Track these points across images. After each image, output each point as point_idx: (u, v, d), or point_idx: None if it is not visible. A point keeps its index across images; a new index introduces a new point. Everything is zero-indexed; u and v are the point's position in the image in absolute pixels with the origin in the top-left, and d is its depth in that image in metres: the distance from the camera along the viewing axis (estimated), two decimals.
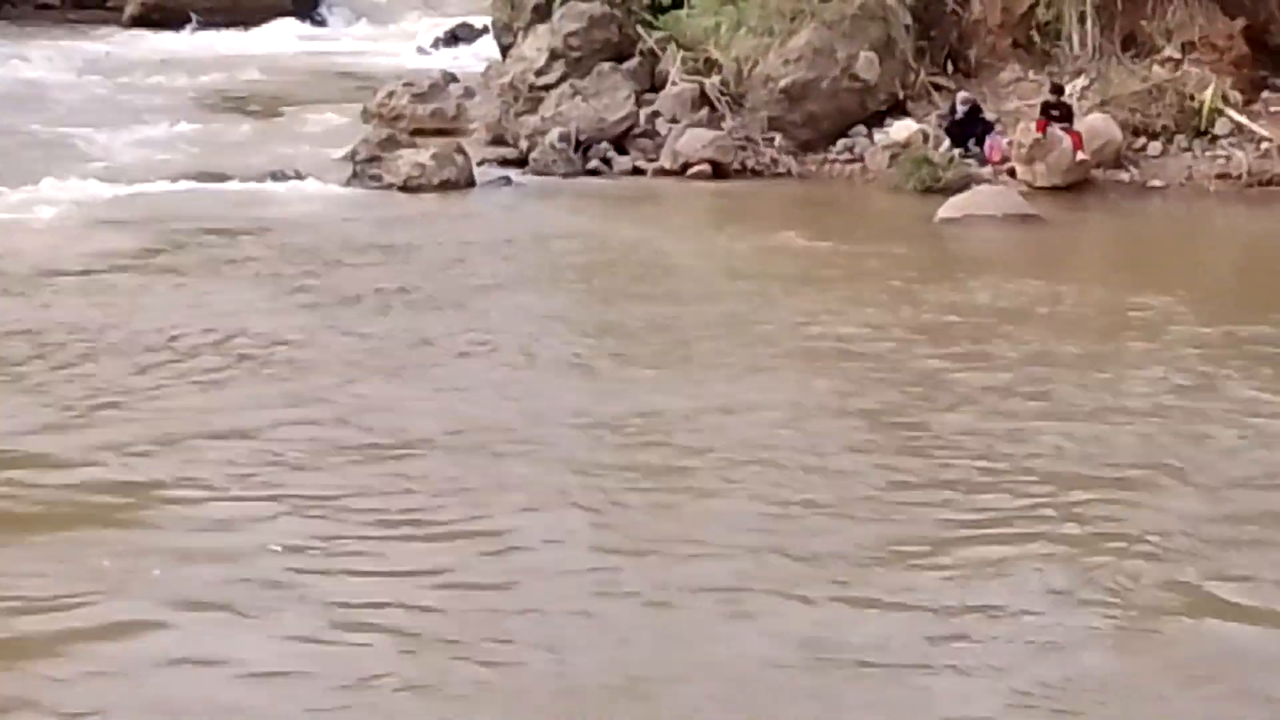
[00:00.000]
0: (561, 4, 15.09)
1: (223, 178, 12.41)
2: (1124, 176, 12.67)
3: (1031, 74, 13.91)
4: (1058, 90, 12.95)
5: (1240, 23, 13.51)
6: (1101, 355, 7.97)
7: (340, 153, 13.43)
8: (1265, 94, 13.44)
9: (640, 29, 14.85)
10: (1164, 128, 13.00)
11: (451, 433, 6.35)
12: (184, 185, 12.17)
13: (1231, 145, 12.84)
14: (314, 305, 8.87)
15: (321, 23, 25.46)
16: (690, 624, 4.55)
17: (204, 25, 23.75)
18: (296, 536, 5.13)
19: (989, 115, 13.30)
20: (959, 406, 6.93)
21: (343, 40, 24.81)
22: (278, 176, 12.35)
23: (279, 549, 4.94)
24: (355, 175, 12.41)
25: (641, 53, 14.63)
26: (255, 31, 24.13)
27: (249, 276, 9.54)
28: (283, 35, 24.33)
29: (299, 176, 12.38)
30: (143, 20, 24.43)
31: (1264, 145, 12.62)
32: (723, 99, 13.84)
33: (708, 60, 14.22)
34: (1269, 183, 12.26)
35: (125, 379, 7.04)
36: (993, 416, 6.82)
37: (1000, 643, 4.34)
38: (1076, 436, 6.31)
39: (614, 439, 6.36)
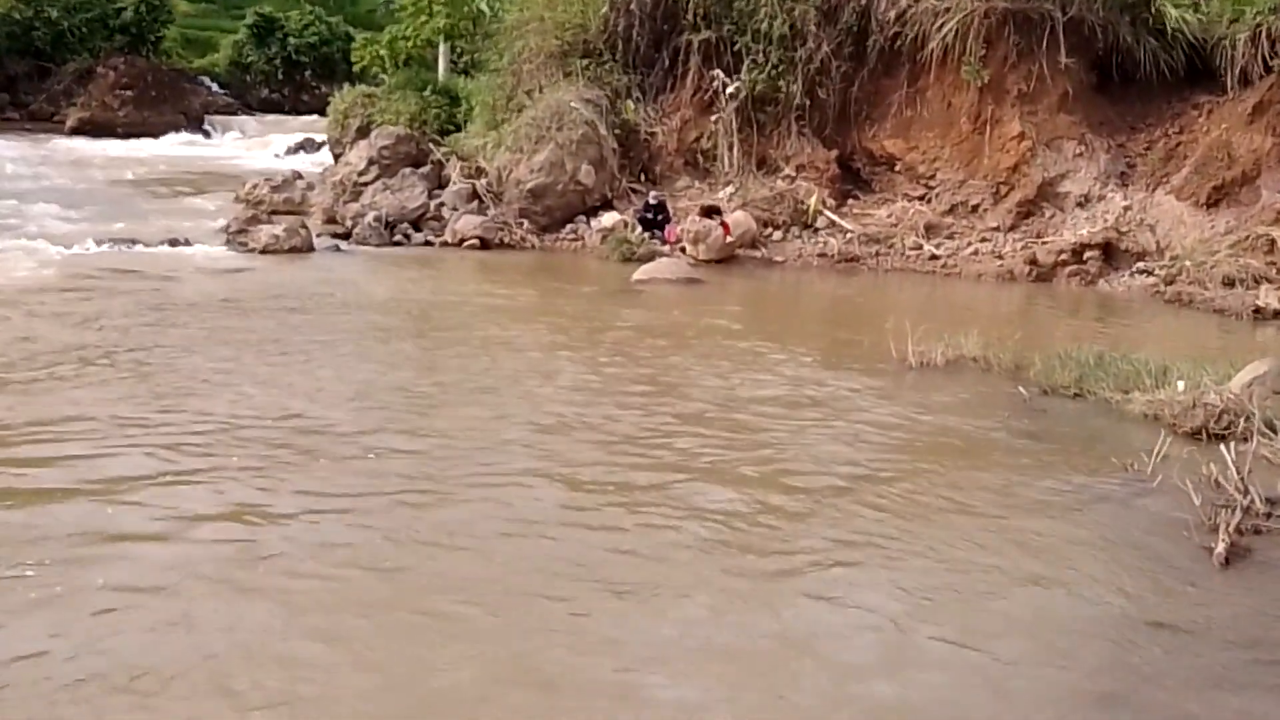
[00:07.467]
0: (377, 126, 17.65)
1: (133, 242, 13.99)
2: (757, 254, 14.92)
3: (696, 183, 16.27)
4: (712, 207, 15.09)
5: (834, 153, 16.19)
6: (711, 347, 10.10)
7: (218, 225, 15.36)
8: (849, 201, 16.11)
9: (432, 145, 17.32)
10: (784, 221, 15.45)
11: (279, 410, 7.40)
12: (105, 248, 13.76)
13: (827, 234, 15.33)
14: (191, 316, 10.21)
15: (207, 135, 30.60)
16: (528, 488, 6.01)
17: (123, 136, 28.19)
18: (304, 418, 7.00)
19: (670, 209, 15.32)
20: (644, 360, 9.38)
21: (221, 148, 29.62)
22: (173, 242, 14.04)
23: (234, 459, 6.21)
24: (228, 241, 14.17)
25: (432, 161, 16.91)
26: (160, 139, 29.75)
27: (137, 302, 10.77)
28: (178, 143, 28.81)
29: (187, 243, 14.06)
30: (79, 131, 29.09)
31: (848, 235, 15.20)
32: (488, 195, 16.01)
33: (478, 168, 16.42)
34: (851, 259, 14.77)
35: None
36: (666, 368, 9.12)
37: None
38: (703, 380, 8.72)
39: (418, 388, 8.21)
